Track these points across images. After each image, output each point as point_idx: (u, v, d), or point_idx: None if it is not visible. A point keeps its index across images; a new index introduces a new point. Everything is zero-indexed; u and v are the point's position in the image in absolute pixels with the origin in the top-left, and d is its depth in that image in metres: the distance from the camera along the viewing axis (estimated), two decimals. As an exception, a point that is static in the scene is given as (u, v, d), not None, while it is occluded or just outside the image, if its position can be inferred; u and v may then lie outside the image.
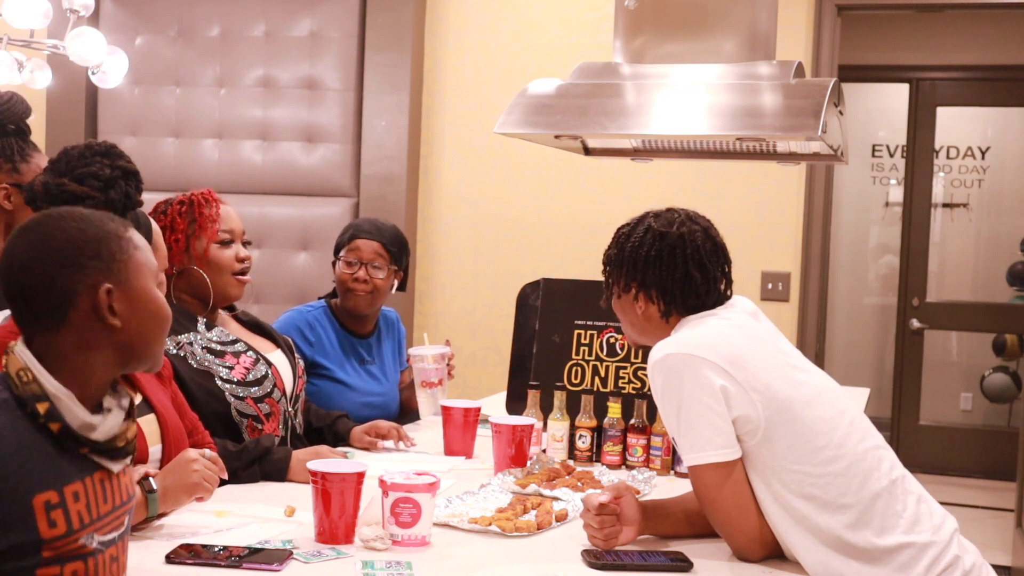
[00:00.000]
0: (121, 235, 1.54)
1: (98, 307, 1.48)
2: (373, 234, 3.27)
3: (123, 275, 1.51)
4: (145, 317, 1.54)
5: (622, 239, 2.16)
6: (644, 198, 2.93)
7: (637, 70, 2.85)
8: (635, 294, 2.12)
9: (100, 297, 1.48)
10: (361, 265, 3.23)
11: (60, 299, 1.47)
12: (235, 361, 2.62)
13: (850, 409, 2.04)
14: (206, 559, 1.87)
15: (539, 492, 2.40)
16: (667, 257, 2.09)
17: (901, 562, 1.90)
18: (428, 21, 5.00)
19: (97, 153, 2.11)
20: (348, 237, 3.28)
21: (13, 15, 3.60)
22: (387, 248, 3.27)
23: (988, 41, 6.94)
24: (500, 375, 3.49)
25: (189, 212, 2.67)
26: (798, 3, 4.59)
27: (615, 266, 2.16)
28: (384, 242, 3.27)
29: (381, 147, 4.92)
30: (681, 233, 2.11)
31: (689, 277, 2.09)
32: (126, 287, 1.51)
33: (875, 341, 7.88)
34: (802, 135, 2.65)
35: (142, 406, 2.16)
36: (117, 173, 2.08)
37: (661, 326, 2.11)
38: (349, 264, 3.23)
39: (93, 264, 1.49)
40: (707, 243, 2.12)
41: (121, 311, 1.50)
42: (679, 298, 2.09)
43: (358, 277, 3.22)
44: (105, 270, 1.49)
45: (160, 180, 5.07)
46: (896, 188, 7.72)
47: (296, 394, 2.77)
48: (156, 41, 5.11)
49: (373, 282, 3.23)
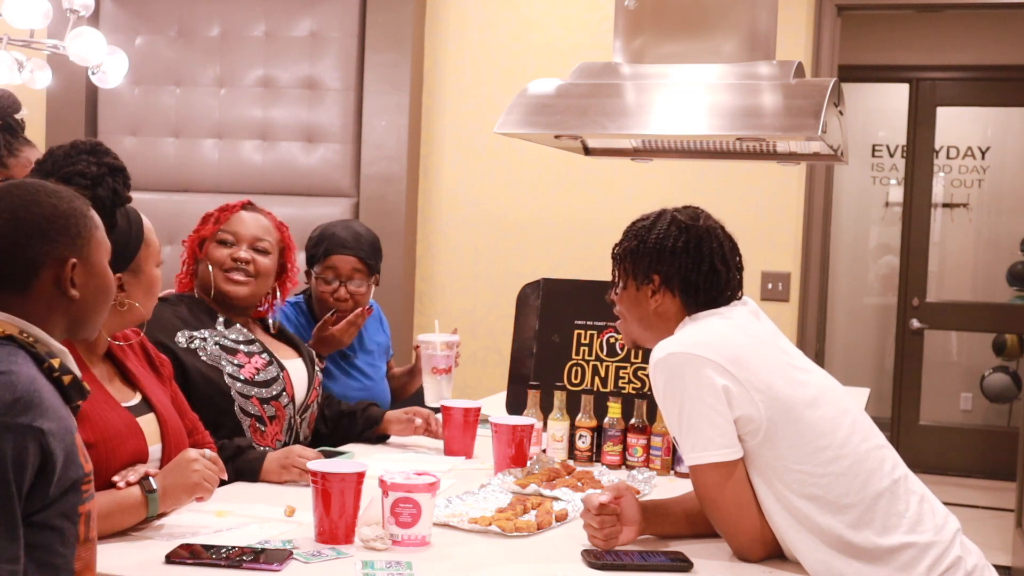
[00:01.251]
0: (86, 213, 1.65)
1: (62, 279, 1.59)
2: (349, 248, 3.17)
3: (86, 250, 1.63)
4: (98, 291, 1.66)
5: (643, 232, 2.13)
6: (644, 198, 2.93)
7: (637, 70, 2.85)
8: (656, 286, 2.11)
9: (66, 270, 1.59)
10: (340, 284, 3.17)
11: (28, 268, 1.57)
12: (247, 360, 2.64)
13: (852, 409, 2.04)
14: (206, 559, 1.87)
15: (539, 492, 2.40)
16: (694, 249, 2.09)
17: (903, 562, 1.90)
18: (428, 21, 5.00)
19: (83, 151, 2.10)
20: (323, 252, 3.18)
21: (13, 15, 3.60)
22: (365, 262, 3.19)
23: (988, 41, 6.94)
24: (500, 375, 3.49)
25: (210, 216, 2.79)
26: (798, 3, 4.59)
27: (635, 257, 2.12)
28: (362, 256, 3.18)
29: (381, 147, 4.92)
30: (708, 226, 2.11)
31: (714, 270, 2.08)
32: (87, 262, 1.63)
33: (875, 341, 7.88)
34: (802, 135, 2.65)
35: (141, 405, 2.16)
36: (104, 170, 2.08)
37: (669, 322, 2.10)
38: (326, 282, 3.17)
39: (62, 239, 1.59)
40: (727, 240, 2.13)
41: (80, 284, 1.62)
42: (701, 292, 2.08)
43: (339, 296, 3.16)
44: (72, 245, 1.61)
45: (160, 180, 5.09)
46: (896, 188, 7.72)
47: (307, 404, 2.77)
48: (156, 41, 5.11)
49: (354, 299, 3.17)
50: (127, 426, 2.07)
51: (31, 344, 1.55)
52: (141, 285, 2.17)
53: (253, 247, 2.75)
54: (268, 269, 2.78)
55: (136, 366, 2.23)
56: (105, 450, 2.00)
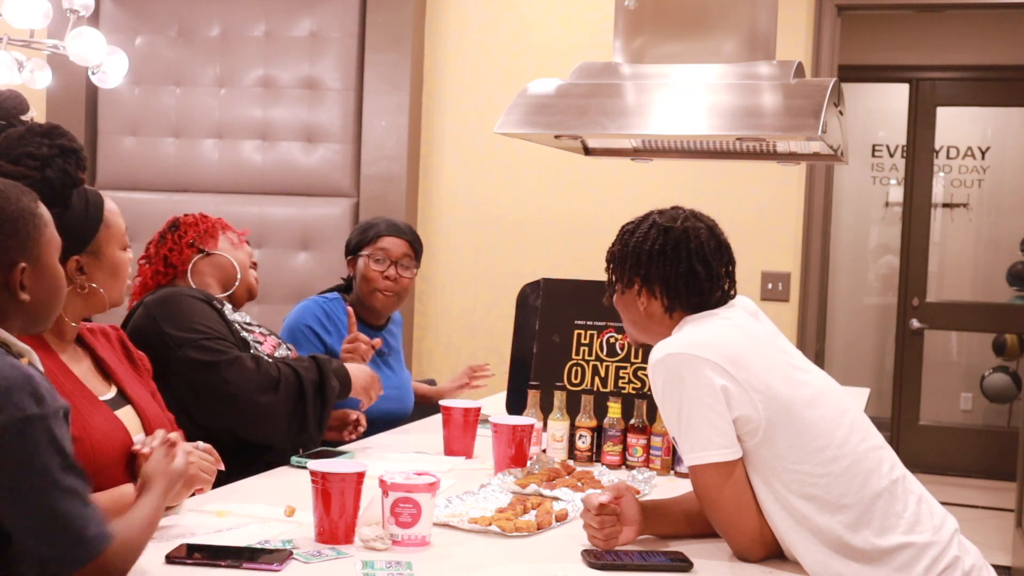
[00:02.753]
0: (34, 212, 1.60)
1: (10, 283, 1.56)
2: (401, 232, 3.28)
3: (35, 252, 1.59)
4: (50, 290, 1.63)
5: (626, 235, 2.16)
6: (644, 198, 2.93)
7: (637, 70, 2.85)
8: (638, 289, 2.12)
9: (15, 275, 1.56)
10: (390, 263, 3.24)
11: None
12: (263, 339, 2.76)
13: (851, 409, 2.04)
14: (206, 559, 1.87)
15: (539, 492, 2.40)
16: (671, 251, 2.09)
17: (901, 562, 1.90)
18: (428, 21, 5.00)
19: (37, 134, 2.01)
20: (373, 235, 3.27)
21: (13, 15, 3.60)
22: (412, 247, 3.30)
23: (988, 41, 6.94)
24: (500, 375, 3.50)
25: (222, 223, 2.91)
26: (798, 3, 4.59)
27: (618, 262, 2.15)
28: (410, 240, 3.30)
29: (381, 147, 4.92)
30: (685, 228, 2.11)
31: (693, 272, 2.08)
32: (37, 264, 1.59)
33: (875, 341, 7.88)
34: (802, 135, 2.65)
35: (117, 399, 2.11)
36: (55, 152, 1.99)
37: (663, 323, 2.11)
38: (378, 262, 3.24)
39: (10, 243, 1.55)
40: (711, 240, 2.12)
41: (30, 286, 1.58)
42: (683, 294, 2.09)
43: (388, 276, 3.23)
44: (21, 249, 1.56)
45: (160, 180, 5.09)
46: (896, 188, 7.72)
47: None
48: (156, 41, 5.11)
49: (401, 281, 3.25)
50: (107, 420, 2.04)
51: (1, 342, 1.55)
52: (103, 268, 2.08)
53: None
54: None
55: (110, 356, 2.18)
56: (89, 444, 1.96)
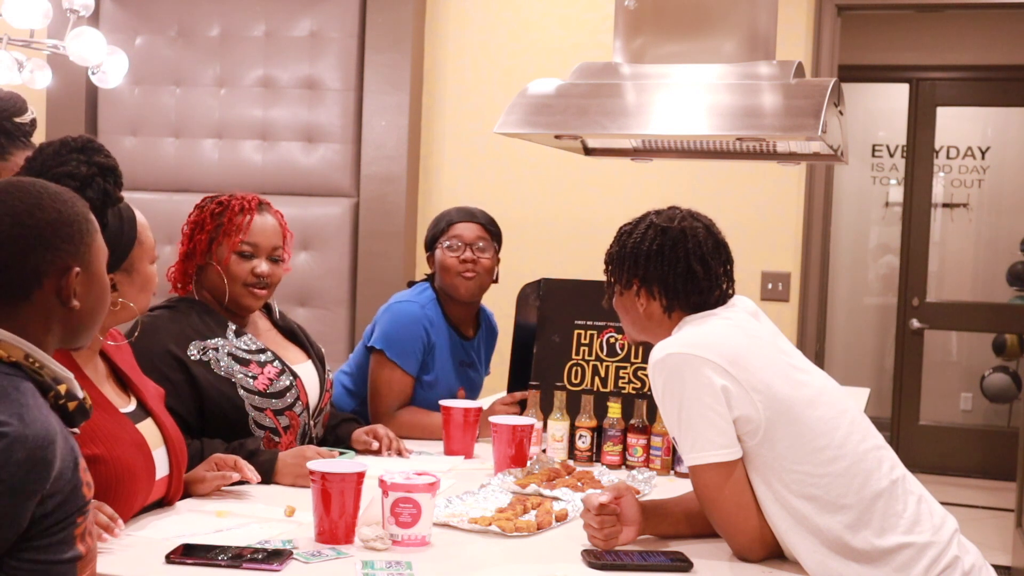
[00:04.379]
0: (88, 217, 1.57)
1: (63, 289, 1.52)
2: (472, 217, 3.22)
3: (87, 258, 1.55)
4: (98, 299, 1.59)
5: (624, 236, 2.17)
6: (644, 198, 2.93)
7: (637, 70, 2.85)
8: (637, 290, 2.12)
9: (69, 281, 1.52)
10: (465, 247, 3.16)
11: (30, 277, 1.50)
12: (259, 371, 2.60)
13: (851, 409, 2.04)
14: (206, 559, 1.87)
15: (539, 492, 2.40)
16: (668, 251, 2.09)
17: (900, 562, 1.90)
18: (428, 21, 4.99)
19: (73, 150, 2.01)
20: (445, 224, 3.20)
21: (13, 15, 3.59)
22: (487, 229, 3.22)
23: (988, 41, 6.94)
24: (500, 375, 3.49)
25: (220, 215, 2.66)
26: (798, 3, 4.58)
27: (617, 263, 2.16)
28: (483, 223, 3.22)
29: (381, 147, 4.91)
30: (682, 228, 2.11)
31: (691, 272, 2.09)
32: (88, 270, 1.55)
33: (875, 341, 7.88)
34: (802, 135, 2.65)
35: (138, 411, 2.15)
36: (94, 170, 1.99)
37: (663, 324, 2.11)
38: (452, 249, 3.16)
39: (66, 247, 1.52)
40: (709, 239, 2.12)
41: (81, 293, 1.54)
42: (682, 294, 2.09)
43: (465, 259, 3.14)
44: (75, 254, 1.53)
45: (160, 180, 5.09)
46: (896, 188, 7.72)
47: (320, 407, 2.76)
48: (156, 41, 5.11)
49: (480, 263, 3.16)
50: (129, 436, 2.06)
51: (37, 370, 1.48)
52: (135, 284, 2.11)
53: (270, 256, 2.68)
54: (281, 275, 2.72)
55: (128, 365, 2.21)
56: (112, 461, 1.99)
